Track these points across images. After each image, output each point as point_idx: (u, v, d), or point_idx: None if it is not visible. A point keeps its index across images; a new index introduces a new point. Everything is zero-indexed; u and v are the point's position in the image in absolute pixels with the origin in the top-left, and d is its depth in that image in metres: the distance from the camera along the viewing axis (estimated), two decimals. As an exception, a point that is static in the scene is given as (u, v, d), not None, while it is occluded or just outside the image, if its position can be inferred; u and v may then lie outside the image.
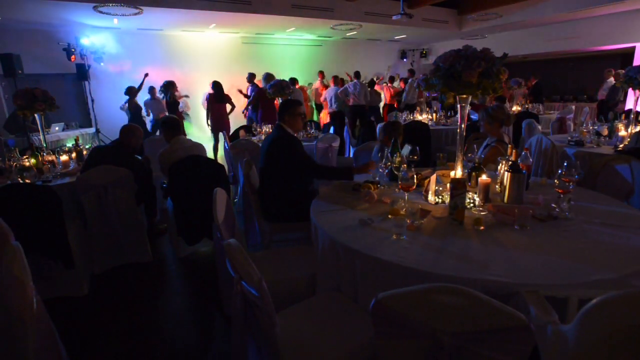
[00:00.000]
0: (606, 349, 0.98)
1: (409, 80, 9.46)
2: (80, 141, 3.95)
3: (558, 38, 9.99)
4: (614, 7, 7.85)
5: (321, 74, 9.99)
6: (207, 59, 9.86)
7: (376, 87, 9.24)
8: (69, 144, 6.08)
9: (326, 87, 9.21)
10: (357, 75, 8.47)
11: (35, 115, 3.66)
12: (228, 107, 6.92)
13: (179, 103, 7.56)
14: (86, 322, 2.50)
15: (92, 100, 8.43)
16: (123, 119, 7.45)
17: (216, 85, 6.78)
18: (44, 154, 3.56)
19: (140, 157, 3.44)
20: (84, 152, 3.74)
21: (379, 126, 6.45)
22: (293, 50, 11.15)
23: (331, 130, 7.66)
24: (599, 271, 1.29)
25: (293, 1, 7.52)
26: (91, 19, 7.11)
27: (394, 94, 9.74)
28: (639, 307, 0.95)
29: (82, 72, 8.03)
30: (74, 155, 3.70)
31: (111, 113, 8.11)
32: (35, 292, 1.39)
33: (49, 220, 2.54)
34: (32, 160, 3.30)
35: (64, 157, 3.57)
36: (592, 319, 0.96)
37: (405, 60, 13.43)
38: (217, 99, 6.75)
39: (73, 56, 7.83)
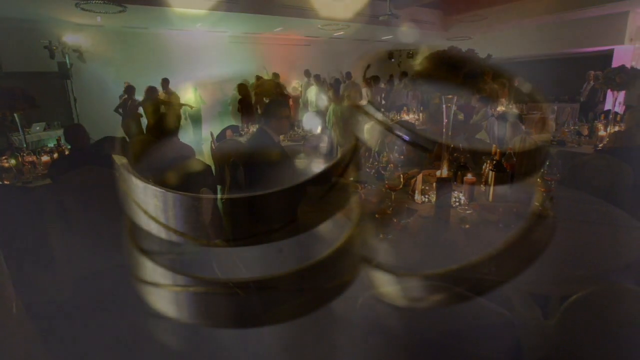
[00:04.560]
0: (587, 343, 1.00)
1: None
2: (62, 141, 3.85)
3: (542, 40, 10.21)
4: (595, 10, 8.07)
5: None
6: (194, 58, 9.74)
7: None
8: (51, 144, 5.93)
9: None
10: (349, 76, 8.49)
11: (15, 114, 3.57)
12: None
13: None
14: (75, 324, 2.44)
15: (75, 99, 8.23)
16: (107, 118, 7.30)
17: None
18: (24, 154, 3.46)
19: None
20: (66, 152, 3.65)
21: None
22: (280, 49, 11.11)
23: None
24: (579, 267, 1.32)
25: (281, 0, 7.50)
26: (73, 16, 6.94)
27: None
28: (618, 302, 0.98)
29: (64, 71, 7.81)
30: (55, 155, 3.61)
31: (95, 112, 7.91)
32: (15, 295, 1.36)
33: (30, 223, 2.48)
34: (12, 161, 3.20)
35: (45, 158, 3.48)
36: (573, 314, 0.98)
37: (392, 60, 13.50)
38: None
39: (54, 54, 7.62)
